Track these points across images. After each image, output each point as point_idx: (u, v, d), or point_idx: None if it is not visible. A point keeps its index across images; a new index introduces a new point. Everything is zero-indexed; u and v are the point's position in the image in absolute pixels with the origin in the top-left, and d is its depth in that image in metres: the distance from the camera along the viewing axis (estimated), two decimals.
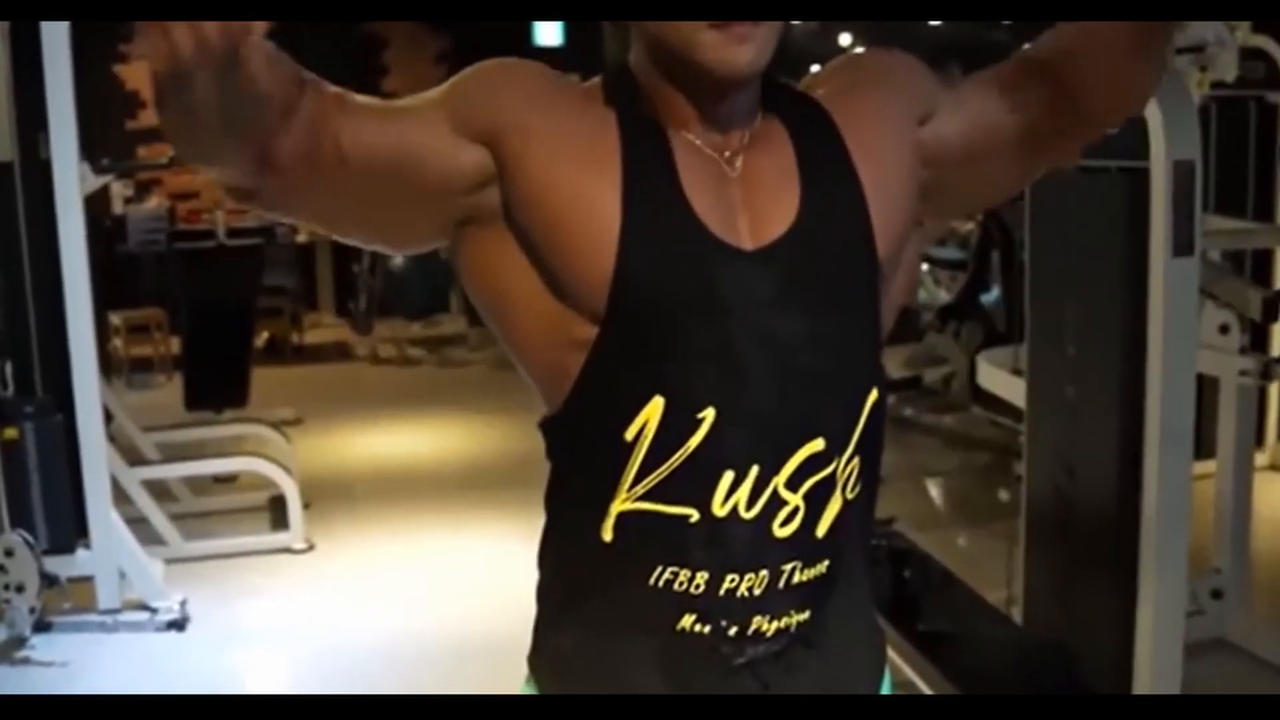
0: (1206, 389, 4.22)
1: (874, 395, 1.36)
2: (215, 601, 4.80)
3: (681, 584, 1.30)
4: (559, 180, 1.28)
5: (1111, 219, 3.14)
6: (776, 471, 1.29)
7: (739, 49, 1.25)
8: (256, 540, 5.45)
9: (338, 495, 6.09)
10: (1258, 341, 4.68)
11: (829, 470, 1.32)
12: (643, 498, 1.29)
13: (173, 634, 4.54)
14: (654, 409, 1.27)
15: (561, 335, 1.31)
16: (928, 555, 3.52)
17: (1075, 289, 3.30)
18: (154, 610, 4.60)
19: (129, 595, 4.65)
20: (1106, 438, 3.18)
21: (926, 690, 3.11)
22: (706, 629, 1.31)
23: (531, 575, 1.44)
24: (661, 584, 1.31)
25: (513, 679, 1.46)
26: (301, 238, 9.95)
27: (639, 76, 1.35)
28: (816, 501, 1.32)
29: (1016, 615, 3.65)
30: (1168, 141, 2.94)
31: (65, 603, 4.52)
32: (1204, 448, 4.19)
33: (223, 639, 4.53)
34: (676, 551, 1.30)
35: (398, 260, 9.50)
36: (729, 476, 1.29)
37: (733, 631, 1.31)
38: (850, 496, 1.35)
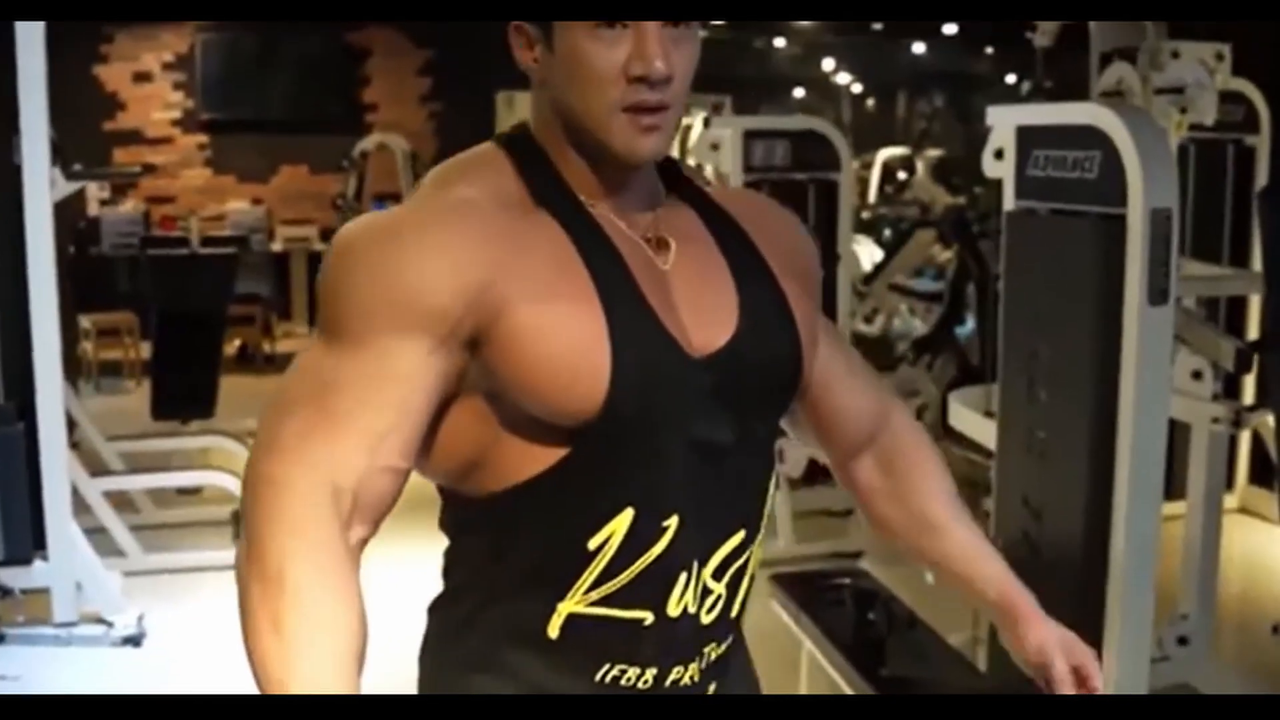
0: (1176, 430, 4.21)
1: (773, 482, 1.41)
2: (173, 616, 4.73)
3: (629, 679, 1.32)
4: (545, 323, 1.25)
5: (1087, 264, 3.12)
6: (705, 564, 1.33)
7: (646, 138, 1.28)
8: (218, 555, 5.35)
9: None
10: (1230, 387, 4.66)
11: (745, 557, 1.37)
12: (597, 603, 1.30)
13: (129, 649, 4.47)
14: (622, 520, 1.28)
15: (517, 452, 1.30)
16: (893, 595, 3.49)
17: (1048, 332, 3.28)
18: (110, 624, 4.53)
19: (86, 608, 4.58)
20: (1075, 482, 3.16)
21: None
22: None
23: None
24: (609, 680, 1.32)
25: None
26: (277, 246, 9.88)
27: (543, 143, 1.34)
28: (733, 587, 1.37)
29: (981, 656, 3.63)
30: (1146, 189, 2.93)
31: (19, 615, 4.45)
32: (1173, 489, 4.18)
33: (179, 655, 4.46)
34: (627, 652, 1.32)
35: None
36: (684, 578, 1.31)
37: None
38: (755, 573, 1.41)
